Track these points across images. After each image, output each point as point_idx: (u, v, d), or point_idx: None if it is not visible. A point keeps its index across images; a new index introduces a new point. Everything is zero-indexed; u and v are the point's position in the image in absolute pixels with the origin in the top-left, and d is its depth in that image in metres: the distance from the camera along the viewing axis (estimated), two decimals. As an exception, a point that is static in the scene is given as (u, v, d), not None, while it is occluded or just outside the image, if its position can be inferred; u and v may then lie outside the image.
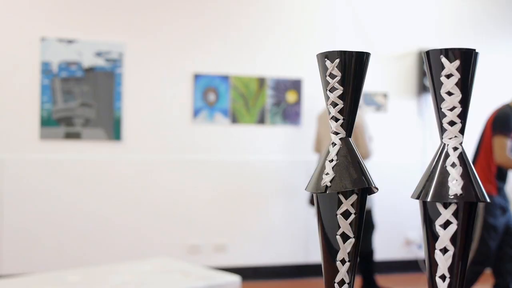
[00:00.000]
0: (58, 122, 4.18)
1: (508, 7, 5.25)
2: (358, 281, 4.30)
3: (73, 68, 4.20)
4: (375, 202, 4.28)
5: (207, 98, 4.51)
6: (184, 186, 4.44)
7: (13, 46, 4.12)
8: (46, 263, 4.13)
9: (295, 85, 4.69)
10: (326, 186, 0.65)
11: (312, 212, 4.66)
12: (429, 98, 5.01)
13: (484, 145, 3.54)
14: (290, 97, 4.69)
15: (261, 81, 4.61)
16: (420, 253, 4.95)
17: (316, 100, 4.72)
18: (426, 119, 4.99)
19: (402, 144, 4.95)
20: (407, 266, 4.96)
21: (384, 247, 4.76)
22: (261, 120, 4.63)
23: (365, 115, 4.02)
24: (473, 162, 3.60)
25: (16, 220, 4.10)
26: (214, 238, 4.50)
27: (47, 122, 4.16)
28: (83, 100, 4.23)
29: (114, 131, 4.29)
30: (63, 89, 4.19)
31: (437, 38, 5.02)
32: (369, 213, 3.99)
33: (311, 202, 4.23)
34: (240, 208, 4.56)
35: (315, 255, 4.73)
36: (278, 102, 4.66)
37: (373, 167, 3.82)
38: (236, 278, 2.95)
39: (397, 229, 4.85)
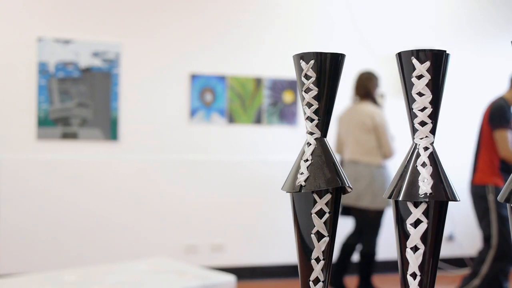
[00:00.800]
0: (55, 122, 4.19)
1: (506, 7, 5.26)
2: (355, 281, 4.31)
3: (69, 68, 4.22)
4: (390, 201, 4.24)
5: (204, 98, 4.52)
6: (181, 186, 4.45)
7: (10, 47, 4.13)
8: (43, 263, 4.14)
9: (292, 85, 4.70)
10: (301, 185, 0.66)
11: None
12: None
13: (483, 140, 3.55)
14: (287, 97, 4.70)
15: (258, 81, 4.62)
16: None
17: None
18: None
19: (399, 144, 4.95)
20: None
21: (379, 247, 4.77)
22: (258, 120, 4.64)
23: (385, 115, 4.01)
24: (476, 157, 3.61)
25: (13, 220, 4.11)
26: (211, 238, 4.51)
27: (44, 122, 4.17)
28: (80, 100, 4.24)
29: (111, 131, 4.31)
30: (60, 89, 4.20)
31: (434, 38, 5.03)
32: (380, 213, 3.93)
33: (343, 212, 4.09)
34: (237, 208, 4.56)
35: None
36: (274, 102, 4.67)
37: (369, 167, 3.83)
38: (231, 278, 2.96)
39: (391, 229, 4.85)
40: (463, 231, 5.07)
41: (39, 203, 4.15)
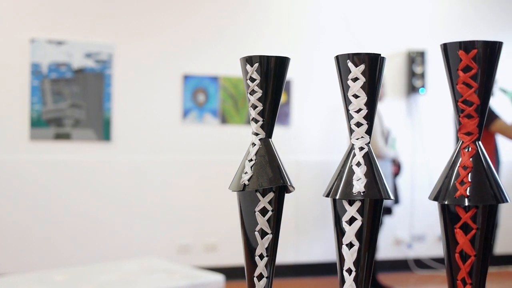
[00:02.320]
0: (48, 123, 4.22)
1: (499, 7, 5.28)
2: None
3: (62, 69, 4.24)
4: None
5: (197, 98, 4.54)
6: (173, 186, 4.47)
7: (3, 48, 4.15)
8: (36, 263, 4.16)
9: (285, 85, 4.72)
10: (245, 184, 0.69)
11: (307, 212, 4.69)
12: (418, 99, 5.04)
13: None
14: (280, 97, 4.71)
15: (251, 82, 4.64)
16: (410, 253, 4.98)
17: (305, 100, 4.75)
18: (415, 119, 5.02)
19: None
20: (397, 265, 4.99)
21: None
22: (249, 121, 4.65)
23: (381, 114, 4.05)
24: None
25: (6, 220, 4.13)
26: (204, 238, 4.53)
27: (37, 123, 4.19)
28: (73, 101, 4.27)
29: (104, 131, 4.33)
30: (53, 90, 4.23)
31: (427, 38, 5.05)
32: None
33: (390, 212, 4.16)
34: (230, 208, 4.58)
35: (305, 255, 4.76)
36: (267, 102, 4.68)
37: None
38: (219, 278, 2.98)
39: (386, 228, 4.88)
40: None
41: (32, 203, 4.18)
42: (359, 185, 0.62)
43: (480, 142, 0.60)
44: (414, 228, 4.97)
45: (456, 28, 5.16)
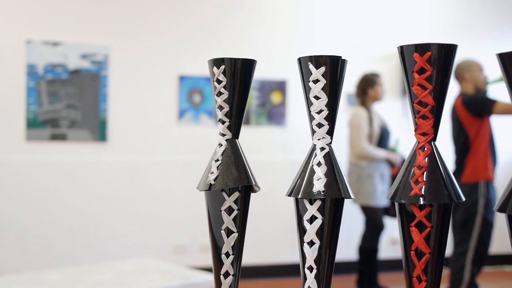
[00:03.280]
0: (43, 124, 4.23)
1: (496, 8, 5.29)
2: (354, 278, 4.34)
3: (58, 70, 4.26)
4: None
5: (192, 99, 4.55)
6: (169, 186, 4.49)
7: (-1, 49, 4.17)
8: (32, 263, 4.17)
9: (280, 86, 4.74)
10: (211, 184, 0.70)
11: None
12: (413, 99, 5.05)
13: (471, 135, 3.49)
14: (275, 98, 4.73)
15: (246, 83, 4.65)
16: (406, 253, 4.99)
17: (301, 101, 4.76)
18: (410, 119, 5.02)
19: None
20: (393, 265, 5.00)
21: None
22: (246, 121, 4.68)
23: (364, 115, 4.03)
24: (462, 156, 3.55)
25: (2, 220, 4.15)
26: (199, 238, 4.54)
27: (32, 123, 4.21)
28: (69, 102, 4.29)
29: (99, 132, 4.35)
30: (49, 91, 4.25)
31: (422, 39, 5.06)
32: (371, 210, 3.99)
33: (389, 213, 4.15)
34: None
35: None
36: (263, 103, 4.71)
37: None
38: (212, 277, 2.99)
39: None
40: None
41: (28, 204, 4.19)
42: (319, 185, 0.64)
43: (435, 143, 0.62)
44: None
45: (452, 29, 5.17)
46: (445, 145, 4.08)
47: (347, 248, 4.59)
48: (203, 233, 4.55)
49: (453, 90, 3.83)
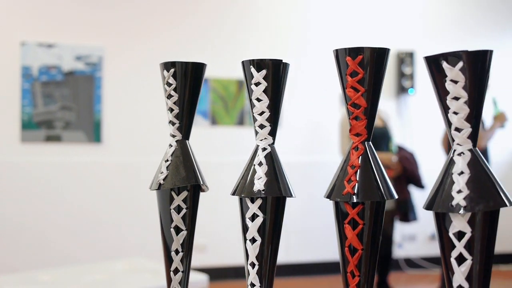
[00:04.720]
0: (38, 125, 4.26)
1: (489, 7, 5.31)
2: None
3: (53, 72, 4.29)
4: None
5: (187, 100, 4.58)
6: (164, 187, 4.51)
7: (-6, 51, 4.20)
8: (26, 263, 4.20)
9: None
10: (160, 183, 0.73)
11: (296, 212, 4.73)
12: (408, 99, 5.07)
13: None
14: (269, 99, 4.75)
15: (240, 83, 4.68)
16: (400, 252, 5.01)
17: (295, 102, 4.78)
18: (405, 120, 5.04)
19: None
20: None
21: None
22: (241, 122, 4.70)
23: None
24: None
25: (-3, 221, 4.18)
26: (194, 238, 4.56)
27: (27, 125, 4.24)
28: (63, 104, 4.31)
29: (94, 133, 4.37)
30: (44, 93, 4.28)
31: (416, 39, 5.08)
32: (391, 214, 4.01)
33: (403, 219, 4.16)
34: (220, 209, 4.62)
35: (295, 255, 4.79)
36: (257, 104, 4.72)
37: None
38: (203, 277, 3.01)
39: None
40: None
41: (23, 205, 4.22)
42: (259, 184, 0.66)
43: (370, 143, 0.64)
44: (404, 228, 4.99)
45: (445, 29, 5.19)
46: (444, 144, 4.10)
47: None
48: (197, 233, 4.56)
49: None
